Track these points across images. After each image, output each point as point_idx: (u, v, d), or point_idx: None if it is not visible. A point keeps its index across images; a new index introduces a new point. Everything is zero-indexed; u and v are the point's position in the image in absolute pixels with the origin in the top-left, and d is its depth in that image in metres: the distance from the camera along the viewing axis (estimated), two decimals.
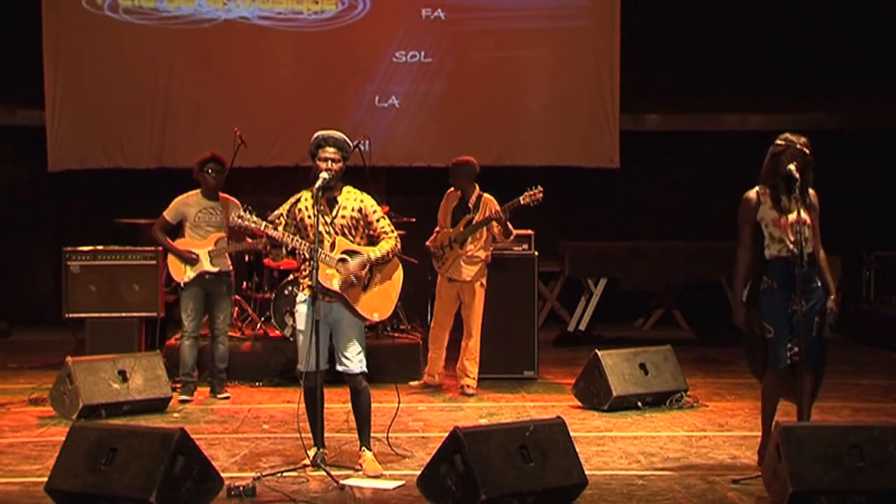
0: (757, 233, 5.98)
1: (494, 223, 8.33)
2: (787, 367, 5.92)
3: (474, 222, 8.41)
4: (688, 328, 12.19)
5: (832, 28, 12.45)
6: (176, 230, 8.30)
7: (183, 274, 8.13)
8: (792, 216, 5.86)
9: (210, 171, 8.16)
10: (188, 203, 8.22)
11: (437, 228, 8.65)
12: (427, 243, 8.66)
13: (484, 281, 8.51)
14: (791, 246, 5.87)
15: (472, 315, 8.49)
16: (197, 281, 8.14)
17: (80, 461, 5.21)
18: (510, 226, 8.38)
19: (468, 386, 8.47)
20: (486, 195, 8.47)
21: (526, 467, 5.27)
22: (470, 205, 8.48)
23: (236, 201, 8.28)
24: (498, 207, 8.33)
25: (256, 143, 10.64)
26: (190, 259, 8.11)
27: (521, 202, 8.20)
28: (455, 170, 8.58)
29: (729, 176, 7.39)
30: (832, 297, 6.02)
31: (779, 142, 5.94)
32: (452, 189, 8.63)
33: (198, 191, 8.25)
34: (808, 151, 5.88)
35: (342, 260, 6.02)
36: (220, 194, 8.29)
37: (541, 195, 8.17)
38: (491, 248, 8.60)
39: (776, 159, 5.90)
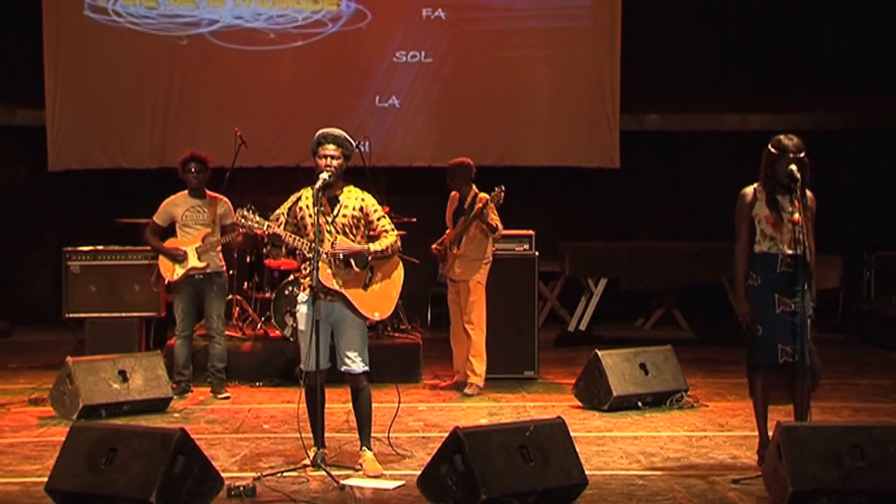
0: (752, 229, 5.99)
1: (480, 220, 8.35)
2: (780, 368, 5.92)
3: (465, 223, 8.44)
4: (688, 328, 12.19)
5: (832, 28, 12.45)
6: (170, 232, 8.32)
7: (172, 273, 8.15)
8: (789, 216, 5.86)
9: (191, 170, 8.19)
10: (175, 203, 8.25)
11: (447, 232, 8.67)
12: (433, 246, 8.67)
13: (481, 279, 8.48)
14: (781, 245, 5.88)
15: (470, 313, 8.46)
16: (188, 281, 8.15)
17: (81, 461, 5.21)
18: (493, 222, 8.30)
19: (474, 384, 8.48)
20: (481, 194, 8.44)
21: (526, 467, 5.27)
22: (465, 206, 8.49)
23: (225, 199, 8.31)
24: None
25: (257, 143, 10.65)
26: (177, 257, 8.13)
27: (489, 202, 8.23)
28: (451, 171, 8.57)
29: (729, 176, 7.36)
30: (811, 304, 5.96)
31: (772, 150, 5.93)
32: (453, 193, 8.63)
33: (185, 191, 8.27)
34: (802, 155, 5.88)
35: (343, 259, 6.02)
36: (208, 192, 8.31)
37: (503, 194, 8.18)
38: (493, 248, 8.60)
39: (772, 167, 5.90)
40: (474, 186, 8.51)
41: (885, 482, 5.20)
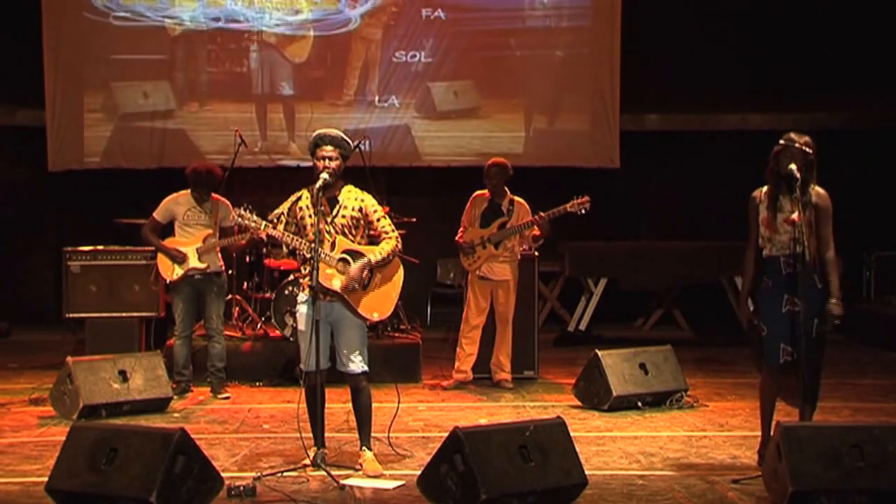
0: (757, 231, 6.00)
1: (537, 228, 8.54)
2: (783, 368, 5.92)
3: (510, 225, 8.53)
4: (688, 328, 12.19)
5: (832, 28, 12.44)
6: (168, 231, 8.31)
7: (171, 272, 8.15)
8: (784, 216, 5.86)
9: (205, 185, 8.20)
10: (178, 202, 8.24)
11: (460, 230, 8.69)
12: (457, 239, 8.70)
13: (516, 278, 8.67)
14: (781, 246, 5.87)
15: (508, 312, 8.64)
16: (187, 281, 8.15)
17: (81, 461, 5.22)
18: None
19: (506, 380, 8.65)
20: (517, 198, 8.62)
21: (526, 467, 5.27)
22: (503, 208, 8.59)
23: (225, 201, 8.31)
24: (529, 210, 8.50)
25: (256, 142, 10.63)
26: (178, 257, 8.13)
27: (568, 209, 8.41)
28: (492, 170, 8.63)
29: (729, 176, 7.39)
30: (833, 300, 5.88)
31: (780, 141, 5.95)
32: (479, 192, 8.69)
33: (187, 190, 8.26)
34: (809, 150, 5.87)
35: (343, 260, 6.02)
36: (211, 194, 8.31)
37: (588, 203, 8.39)
38: (523, 246, 8.78)
39: (776, 159, 5.90)
40: (507, 188, 8.62)
41: (885, 482, 5.21)
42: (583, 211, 8.42)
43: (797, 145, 5.86)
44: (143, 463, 5.10)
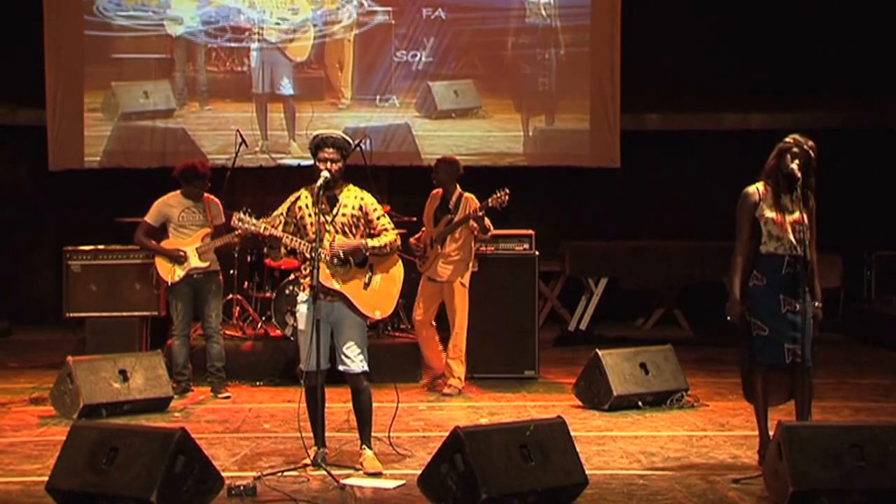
0: (754, 229, 5.97)
1: (473, 221, 8.27)
2: (779, 368, 5.92)
3: (454, 222, 8.37)
4: (688, 328, 12.19)
5: (833, 27, 12.45)
6: (157, 234, 8.30)
7: (173, 274, 8.14)
8: (792, 216, 5.86)
9: (199, 185, 8.20)
10: (170, 204, 8.24)
11: (423, 229, 8.65)
12: (411, 240, 8.57)
13: (465, 280, 8.43)
14: (789, 245, 5.86)
15: (455, 314, 8.42)
16: (187, 280, 8.15)
17: (81, 461, 5.22)
18: (487, 222, 8.28)
19: (452, 386, 8.41)
20: (466, 194, 8.41)
21: (526, 467, 5.27)
22: (450, 205, 8.43)
23: (215, 199, 8.32)
24: (477, 205, 8.24)
25: (257, 142, 10.63)
26: (179, 258, 8.13)
27: (489, 204, 8.12)
28: (437, 168, 8.54)
29: (730, 176, 7.35)
30: (817, 303, 5.94)
31: (787, 139, 5.94)
32: (435, 190, 8.58)
33: (177, 192, 8.27)
34: (812, 155, 5.88)
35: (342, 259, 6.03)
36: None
37: (507, 197, 8.07)
38: (478, 248, 8.60)
39: (782, 155, 5.89)
40: (458, 186, 8.48)
41: (885, 482, 5.20)
42: (501, 205, 8.07)
43: (805, 147, 5.86)
44: (143, 462, 5.10)
